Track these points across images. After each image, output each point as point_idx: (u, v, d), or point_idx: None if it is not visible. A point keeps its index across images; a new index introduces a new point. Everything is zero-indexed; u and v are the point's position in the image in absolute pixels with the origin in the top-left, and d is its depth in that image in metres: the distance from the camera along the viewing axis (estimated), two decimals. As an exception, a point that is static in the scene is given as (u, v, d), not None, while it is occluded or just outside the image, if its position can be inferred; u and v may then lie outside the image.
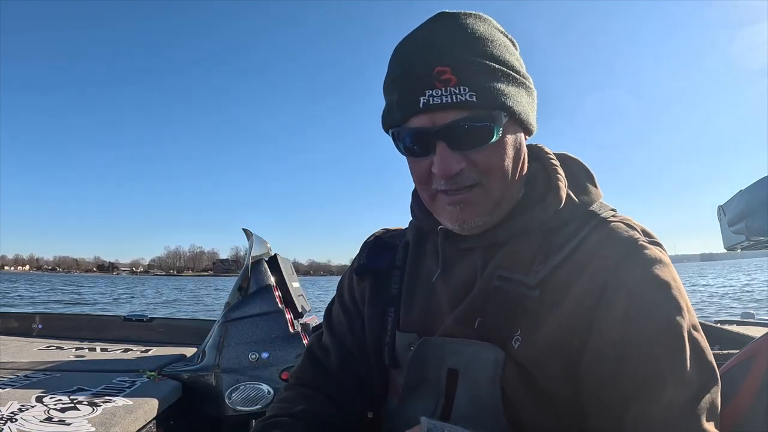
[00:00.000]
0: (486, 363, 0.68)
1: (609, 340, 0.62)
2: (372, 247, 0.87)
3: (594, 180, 0.76)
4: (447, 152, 0.64)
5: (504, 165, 0.67)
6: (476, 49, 0.64)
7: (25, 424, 1.68)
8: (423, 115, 0.64)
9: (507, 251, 0.70)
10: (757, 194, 1.62)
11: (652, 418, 0.58)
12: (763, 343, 0.82)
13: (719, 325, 2.92)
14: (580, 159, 0.79)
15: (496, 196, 0.68)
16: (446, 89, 0.62)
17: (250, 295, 2.82)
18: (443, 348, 0.72)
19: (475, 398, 0.69)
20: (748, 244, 1.83)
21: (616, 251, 0.65)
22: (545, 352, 0.65)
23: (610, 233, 0.68)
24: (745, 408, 0.77)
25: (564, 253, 0.67)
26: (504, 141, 0.67)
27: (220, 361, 2.58)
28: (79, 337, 3.89)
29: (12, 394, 2.02)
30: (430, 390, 0.74)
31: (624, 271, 0.64)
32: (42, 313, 4.35)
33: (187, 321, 4.49)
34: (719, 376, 0.89)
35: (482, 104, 0.63)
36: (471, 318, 0.70)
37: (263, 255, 3.12)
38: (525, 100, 0.69)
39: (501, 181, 0.68)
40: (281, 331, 2.64)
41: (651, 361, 0.60)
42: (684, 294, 0.65)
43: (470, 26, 0.65)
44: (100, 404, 1.94)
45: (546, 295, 0.66)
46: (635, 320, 0.61)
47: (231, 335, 2.65)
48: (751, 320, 3.77)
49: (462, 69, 0.62)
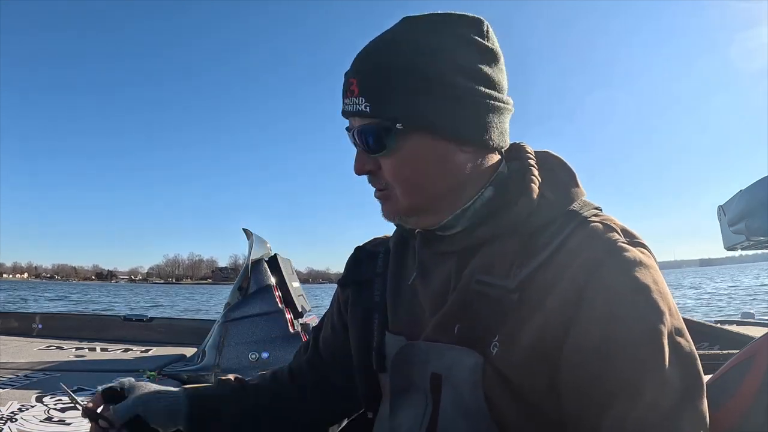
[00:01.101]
0: (466, 368, 0.68)
1: (587, 343, 0.61)
2: (354, 259, 0.90)
3: (576, 179, 0.75)
4: (360, 154, 0.70)
5: (408, 175, 0.69)
6: (383, 61, 0.67)
7: (25, 423, 1.68)
8: (347, 120, 0.72)
9: (484, 255, 0.70)
10: (757, 194, 1.62)
11: (631, 422, 0.57)
12: (763, 343, 0.82)
13: (719, 325, 2.93)
14: (561, 157, 0.78)
15: (405, 202, 0.70)
16: (351, 99, 0.68)
17: (250, 295, 2.82)
18: (427, 352, 0.72)
19: (460, 403, 0.69)
20: (748, 244, 1.83)
21: (595, 253, 0.64)
22: (524, 357, 0.64)
23: (590, 234, 0.66)
24: (745, 408, 0.77)
25: (544, 255, 0.66)
26: (406, 151, 0.68)
27: (220, 361, 2.58)
28: (79, 337, 3.89)
29: (12, 394, 2.02)
30: (417, 394, 0.74)
31: (603, 274, 0.62)
32: (42, 313, 4.35)
33: (187, 321, 4.49)
34: (720, 375, 0.89)
35: (375, 114, 0.67)
36: (450, 324, 0.69)
37: (263, 255, 3.13)
38: (445, 111, 0.67)
39: (408, 188, 0.69)
40: (281, 331, 2.64)
41: (630, 365, 0.59)
42: (666, 297, 0.63)
43: (383, 41, 0.69)
44: (100, 404, 1.94)
45: (526, 298, 0.65)
46: (613, 324, 0.60)
47: (231, 335, 2.65)
48: (751, 320, 3.77)
49: (364, 80, 0.67)
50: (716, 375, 0.89)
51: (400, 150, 0.68)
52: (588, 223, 0.68)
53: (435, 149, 0.68)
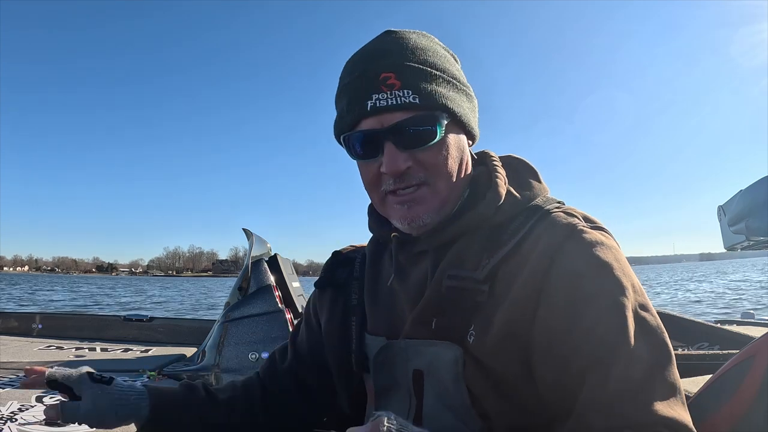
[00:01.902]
0: (447, 362, 0.70)
1: (555, 324, 0.63)
2: (330, 263, 0.91)
3: (538, 176, 0.78)
4: (394, 151, 0.68)
5: (447, 164, 0.71)
6: (417, 58, 0.70)
7: (25, 423, 1.68)
8: (371, 118, 0.69)
9: (455, 250, 0.72)
10: (757, 194, 1.62)
11: (605, 395, 0.58)
12: (763, 343, 0.82)
13: (719, 325, 2.93)
14: (524, 158, 0.81)
15: (441, 194, 0.72)
16: (391, 93, 0.67)
17: (250, 295, 2.82)
18: (406, 350, 0.74)
19: (442, 397, 0.71)
20: (748, 244, 1.83)
21: (555, 238, 0.67)
22: (497, 343, 0.66)
23: (551, 222, 0.69)
24: (745, 408, 0.77)
25: (509, 246, 0.69)
26: (446, 141, 0.70)
27: (220, 361, 2.58)
28: (79, 337, 3.90)
29: (12, 394, 2.02)
30: (401, 392, 0.75)
31: (564, 255, 0.65)
32: (42, 313, 4.35)
33: (187, 321, 4.50)
34: (720, 375, 0.89)
35: (424, 105, 0.68)
36: (428, 319, 0.71)
37: (263, 255, 3.13)
38: (466, 106, 0.73)
39: (446, 179, 0.71)
40: (281, 331, 2.64)
41: (597, 341, 0.60)
42: (629, 274, 0.65)
43: (412, 39, 0.72)
44: (100, 404, 1.94)
45: (495, 288, 0.68)
46: (578, 303, 0.62)
47: (231, 335, 2.65)
48: (751, 320, 3.77)
49: (405, 74, 0.68)
50: (716, 375, 0.89)
51: (444, 140, 0.70)
52: (549, 214, 0.71)
53: (460, 140, 0.74)
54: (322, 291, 0.91)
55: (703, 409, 0.86)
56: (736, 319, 3.94)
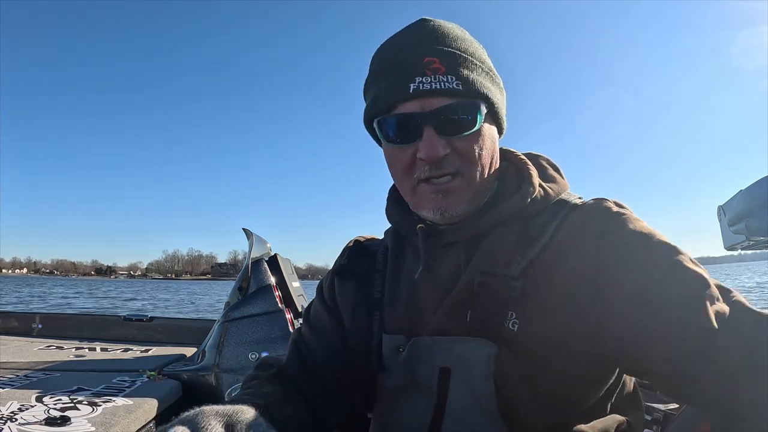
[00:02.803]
0: (479, 359, 0.68)
1: (629, 297, 0.62)
2: (353, 250, 0.87)
3: (561, 172, 0.79)
4: (434, 136, 0.67)
5: (482, 155, 0.71)
6: (459, 46, 0.69)
7: (25, 423, 1.68)
8: (412, 102, 0.67)
9: (486, 246, 0.72)
10: (757, 194, 1.62)
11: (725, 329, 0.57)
12: (763, 343, 0.82)
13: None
14: (546, 155, 0.82)
15: (475, 186, 0.71)
16: (435, 77, 0.66)
17: (250, 295, 2.82)
18: (433, 347, 0.72)
19: (468, 396, 0.69)
20: (748, 243, 1.83)
21: (599, 222, 0.68)
22: (546, 333, 0.66)
23: (587, 211, 0.71)
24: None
25: (544, 239, 0.69)
26: (483, 131, 0.70)
27: (220, 361, 2.58)
28: (79, 337, 3.89)
29: (12, 394, 2.02)
30: (422, 390, 0.73)
31: (612, 231, 0.67)
32: (42, 313, 4.35)
33: (187, 321, 4.49)
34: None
35: (467, 93, 0.67)
36: (461, 311, 0.70)
37: (263, 255, 3.13)
38: (500, 98, 0.74)
39: (479, 170, 0.71)
40: (281, 331, 2.64)
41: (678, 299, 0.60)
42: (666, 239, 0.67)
43: (450, 28, 0.71)
44: (100, 404, 1.94)
45: (531, 282, 0.67)
46: (644, 270, 0.62)
47: (231, 335, 2.65)
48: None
49: (449, 60, 0.67)
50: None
51: (481, 130, 0.70)
52: (581, 205, 0.72)
53: (493, 132, 0.74)
54: (343, 280, 0.85)
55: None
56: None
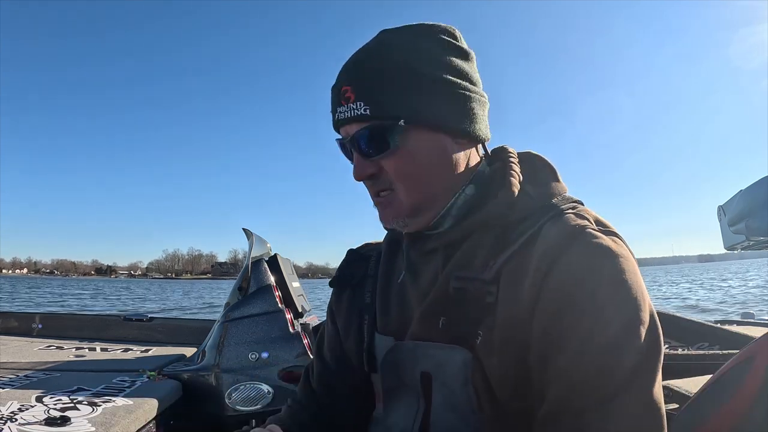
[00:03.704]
0: (456, 365, 0.68)
1: (546, 330, 0.62)
2: (345, 261, 0.91)
3: (556, 175, 0.76)
4: (359, 159, 0.72)
5: (412, 171, 0.71)
6: (374, 67, 0.70)
7: (25, 424, 1.68)
8: (340, 129, 0.74)
9: (462, 251, 0.71)
10: (757, 194, 1.62)
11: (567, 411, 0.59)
12: (763, 343, 0.82)
13: (719, 325, 2.93)
14: (543, 155, 0.79)
15: (412, 198, 0.72)
16: (348, 106, 0.70)
17: (250, 295, 2.82)
18: (415, 352, 0.73)
19: (451, 401, 0.70)
20: (748, 244, 1.83)
21: (560, 239, 0.65)
22: (501, 345, 0.65)
23: (560, 223, 0.67)
24: (745, 408, 0.77)
25: (516, 245, 0.68)
26: (408, 147, 0.70)
27: (220, 361, 2.58)
28: (79, 337, 3.89)
29: (12, 394, 2.02)
30: (410, 394, 0.74)
31: (566, 258, 0.63)
32: (42, 313, 4.35)
33: (187, 321, 4.49)
34: (720, 375, 0.89)
35: (377, 116, 0.68)
36: (435, 318, 0.70)
37: (263, 255, 3.13)
38: (440, 105, 0.70)
39: (412, 185, 0.72)
40: (281, 331, 2.64)
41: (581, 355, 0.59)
42: (633, 286, 0.61)
43: (373, 49, 0.72)
44: (100, 404, 1.94)
45: (501, 289, 0.67)
46: (569, 312, 0.61)
47: (231, 335, 2.65)
48: (751, 320, 3.77)
49: (359, 86, 0.69)
50: (716, 375, 0.89)
51: (403, 147, 0.70)
52: (562, 214, 0.69)
53: (435, 142, 0.72)
54: (339, 292, 0.91)
55: (703, 409, 0.86)
56: (736, 319, 3.93)
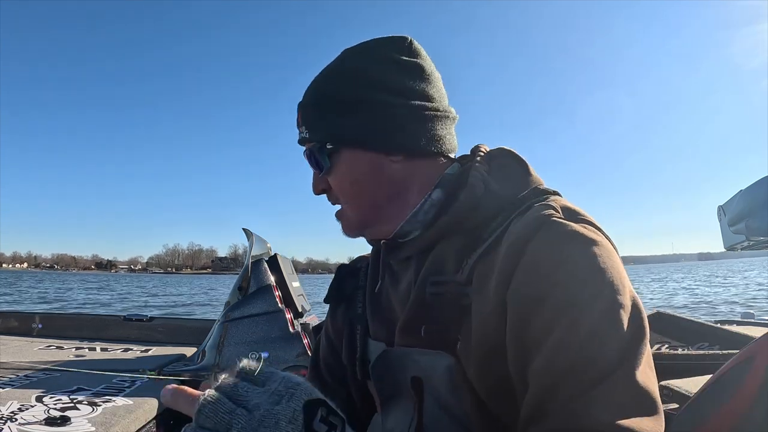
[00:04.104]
0: (441, 370, 0.68)
1: (518, 326, 0.60)
2: (336, 276, 0.94)
3: (527, 168, 0.74)
4: (314, 176, 0.79)
5: (348, 189, 0.76)
6: (318, 89, 0.77)
7: (25, 423, 1.68)
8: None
9: (434, 255, 0.71)
10: (757, 194, 1.62)
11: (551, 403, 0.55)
12: (763, 343, 0.82)
13: (719, 325, 2.93)
14: (514, 150, 0.78)
15: (358, 211, 0.77)
16: (299, 129, 0.78)
17: (250, 295, 2.82)
18: (403, 358, 0.72)
19: (441, 404, 0.69)
20: (748, 244, 1.83)
21: (526, 230, 0.63)
22: (477, 349, 0.64)
23: (527, 216, 0.65)
24: (745, 408, 0.77)
25: (486, 244, 0.67)
26: (341, 167, 0.75)
27: (220, 361, 2.58)
28: (79, 337, 3.89)
29: (12, 394, 2.02)
30: (404, 398, 0.74)
31: (531, 249, 0.61)
32: (42, 313, 4.35)
33: (187, 321, 4.49)
34: (720, 375, 0.89)
35: (312, 138, 0.76)
36: (416, 328, 0.70)
37: (263, 255, 3.13)
38: (365, 127, 0.73)
39: (352, 201, 0.77)
40: (281, 331, 2.64)
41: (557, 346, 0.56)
42: (607, 269, 0.59)
43: (331, 65, 0.78)
44: (100, 404, 1.94)
45: (473, 289, 0.66)
46: (538, 303, 0.58)
47: (231, 335, 2.65)
48: (751, 320, 3.77)
49: (303, 111, 0.77)
50: (716, 375, 0.89)
51: (336, 167, 0.76)
52: (529, 208, 0.67)
53: (365, 162, 0.75)
54: (333, 307, 0.94)
55: (703, 409, 0.86)
56: (736, 319, 3.93)
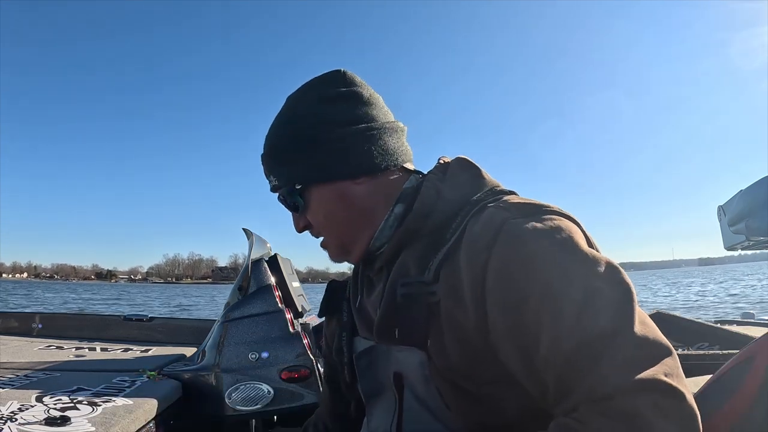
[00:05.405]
0: (414, 366, 0.73)
1: (506, 323, 0.63)
2: (327, 292, 0.99)
3: (480, 173, 0.79)
4: (293, 216, 0.84)
5: (324, 221, 0.82)
6: (273, 140, 0.82)
7: (25, 423, 1.68)
8: None
9: (399, 262, 0.76)
10: (757, 194, 1.62)
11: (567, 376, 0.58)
12: (763, 343, 0.82)
13: (719, 325, 2.93)
14: (467, 158, 0.82)
15: (337, 240, 0.83)
16: (268, 179, 0.84)
17: (250, 295, 2.82)
18: (388, 353, 0.77)
19: (419, 398, 0.74)
20: (748, 244, 1.83)
21: (485, 236, 0.67)
22: (451, 345, 0.68)
23: (483, 218, 0.69)
24: (745, 408, 0.77)
25: (448, 244, 0.71)
26: (313, 204, 0.81)
27: (220, 361, 2.58)
28: (79, 337, 3.89)
29: (12, 394, 2.02)
30: (386, 394, 0.79)
31: (496, 252, 0.65)
32: (42, 312, 4.35)
33: (187, 321, 4.49)
34: (720, 375, 0.89)
35: (281, 184, 0.82)
36: (389, 329, 0.74)
37: (263, 255, 3.13)
38: (324, 160, 0.78)
39: (331, 231, 0.83)
40: (281, 331, 2.64)
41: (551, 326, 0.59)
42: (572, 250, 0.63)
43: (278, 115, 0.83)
44: (100, 404, 1.94)
45: (440, 289, 0.70)
46: (516, 306, 0.62)
47: (231, 335, 2.65)
48: (751, 320, 3.77)
49: (266, 163, 0.83)
50: (716, 375, 0.89)
51: (309, 204, 0.81)
52: (483, 209, 0.71)
53: (333, 192, 0.80)
54: (327, 320, 1.00)
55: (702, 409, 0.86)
56: (736, 319, 3.94)
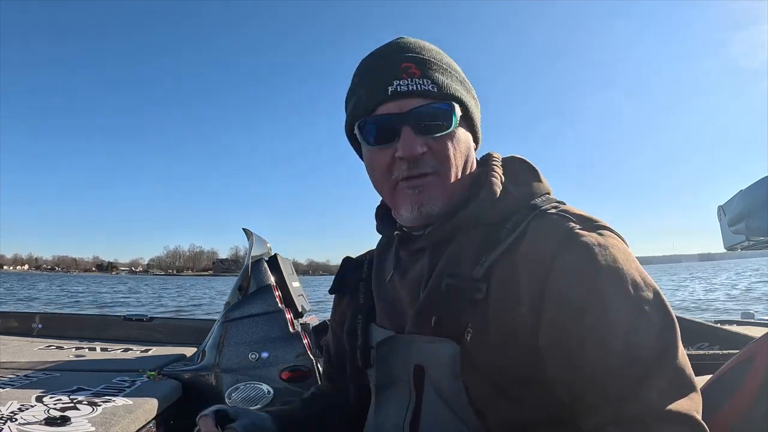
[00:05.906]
0: (445, 359, 0.70)
1: (562, 328, 0.63)
2: (341, 269, 0.96)
3: (538, 176, 0.79)
4: (411, 135, 0.71)
5: (456, 156, 0.74)
6: (433, 56, 0.75)
7: (25, 423, 1.68)
8: (390, 103, 0.71)
9: (451, 250, 0.73)
10: (757, 194, 1.62)
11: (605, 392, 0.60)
12: (763, 343, 0.82)
13: (719, 325, 2.93)
14: (526, 158, 0.82)
15: (449, 186, 0.74)
16: (412, 80, 0.71)
17: (250, 295, 2.82)
18: (410, 344, 0.75)
19: (441, 393, 0.72)
20: (748, 244, 1.83)
21: (551, 242, 0.66)
22: (498, 343, 0.67)
23: (545, 224, 0.69)
24: (745, 408, 0.77)
25: (505, 244, 0.70)
26: (458, 134, 0.74)
27: (220, 361, 2.58)
28: (79, 337, 3.89)
29: (12, 394, 2.02)
30: (402, 387, 0.77)
31: (561, 260, 0.65)
32: (42, 312, 4.35)
33: (187, 321, 4.49)
34: (720, 375, 0.89)
35: (441, 95, 0.72)
36: (427, 316, 0.73)
37: (263, 255, 3.12)
38: (474, 106, 0.78)
39: (453, 171, 0.74)
40: (281, 331, 2.64)
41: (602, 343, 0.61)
42: (630, 269, 0.64)
43: (425, 43, 0.77)
44: (100, 404, 1.94)
45: (492, 287, 0.69)
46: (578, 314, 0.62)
47: (231, 335, 2.65)
48: (751, 320, 3.77)
49: (424, 65, 0.73)
50: (716, 375, 0.89)
51: (456, 132, 0.74)
52: (545, 214, 0.71)
53: (469, 139, 0.78)
54: (338, 298, 0.97)
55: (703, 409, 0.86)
56: (736, 319, 3.93)
